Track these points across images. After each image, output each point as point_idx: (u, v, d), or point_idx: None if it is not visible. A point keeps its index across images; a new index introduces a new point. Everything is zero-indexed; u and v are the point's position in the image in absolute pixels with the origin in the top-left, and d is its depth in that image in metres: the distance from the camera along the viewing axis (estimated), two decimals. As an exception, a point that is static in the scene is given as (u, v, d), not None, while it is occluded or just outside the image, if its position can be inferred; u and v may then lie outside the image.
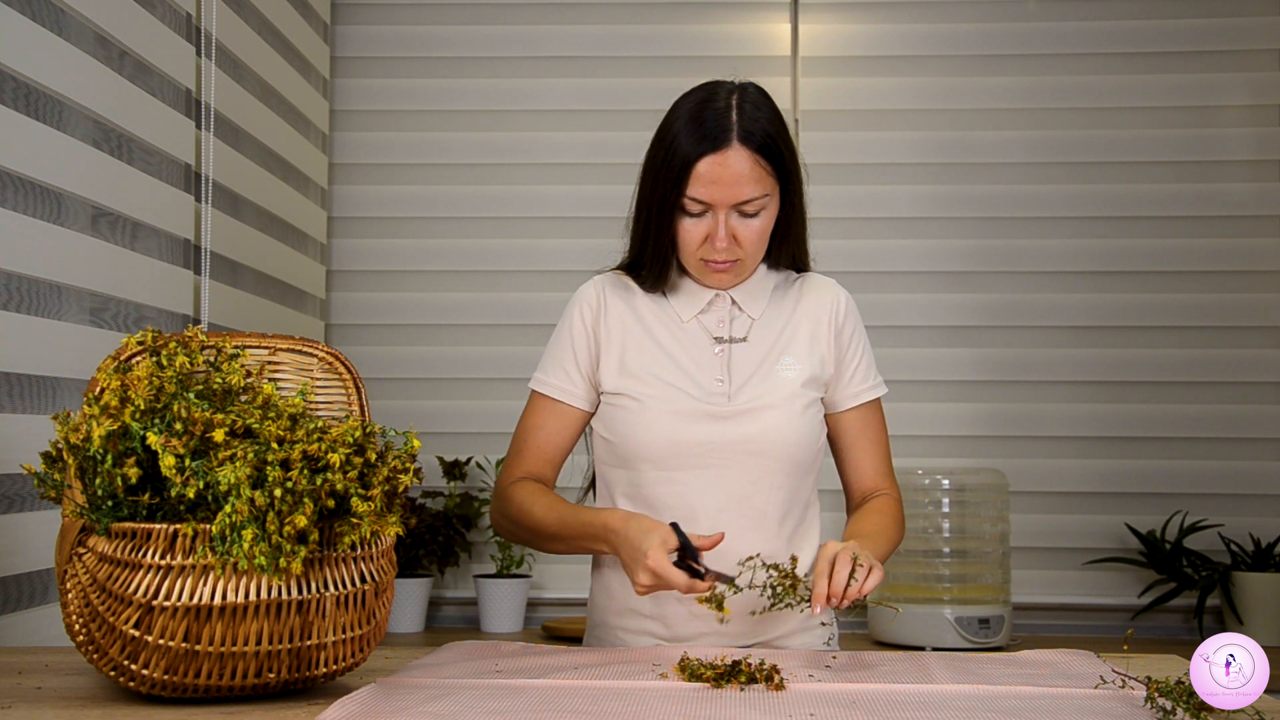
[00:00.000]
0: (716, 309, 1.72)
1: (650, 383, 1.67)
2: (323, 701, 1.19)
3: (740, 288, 1.73)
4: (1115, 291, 3.14)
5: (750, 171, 1.60)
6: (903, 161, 3.19)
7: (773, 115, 1.65)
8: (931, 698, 1.22)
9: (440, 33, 3.25)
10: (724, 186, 1.59)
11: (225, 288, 2.51)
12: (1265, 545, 2.97)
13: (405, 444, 1.23)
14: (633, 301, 1.74)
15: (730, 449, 1.65)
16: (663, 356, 1.69)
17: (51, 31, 1.87)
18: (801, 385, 1.69)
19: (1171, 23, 3.18)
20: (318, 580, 1.17)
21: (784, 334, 1.72)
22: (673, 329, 1.72)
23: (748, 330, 1.72)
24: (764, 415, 1.66)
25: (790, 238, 1.73)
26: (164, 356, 1.24)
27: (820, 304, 1.75)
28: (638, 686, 1.25)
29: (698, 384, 1.67)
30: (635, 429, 1.66)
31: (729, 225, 1.62)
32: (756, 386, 1.67)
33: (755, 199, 1.61)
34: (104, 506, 1.15)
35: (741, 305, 1.72)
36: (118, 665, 1.15)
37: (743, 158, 1.59)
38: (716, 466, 1.65)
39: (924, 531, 2.88)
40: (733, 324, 1.72)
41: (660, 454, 1.65)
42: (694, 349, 1.70)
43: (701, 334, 1.71)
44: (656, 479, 1.66)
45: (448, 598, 3.15)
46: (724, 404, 1.66)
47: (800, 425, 1.67)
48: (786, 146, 1.64)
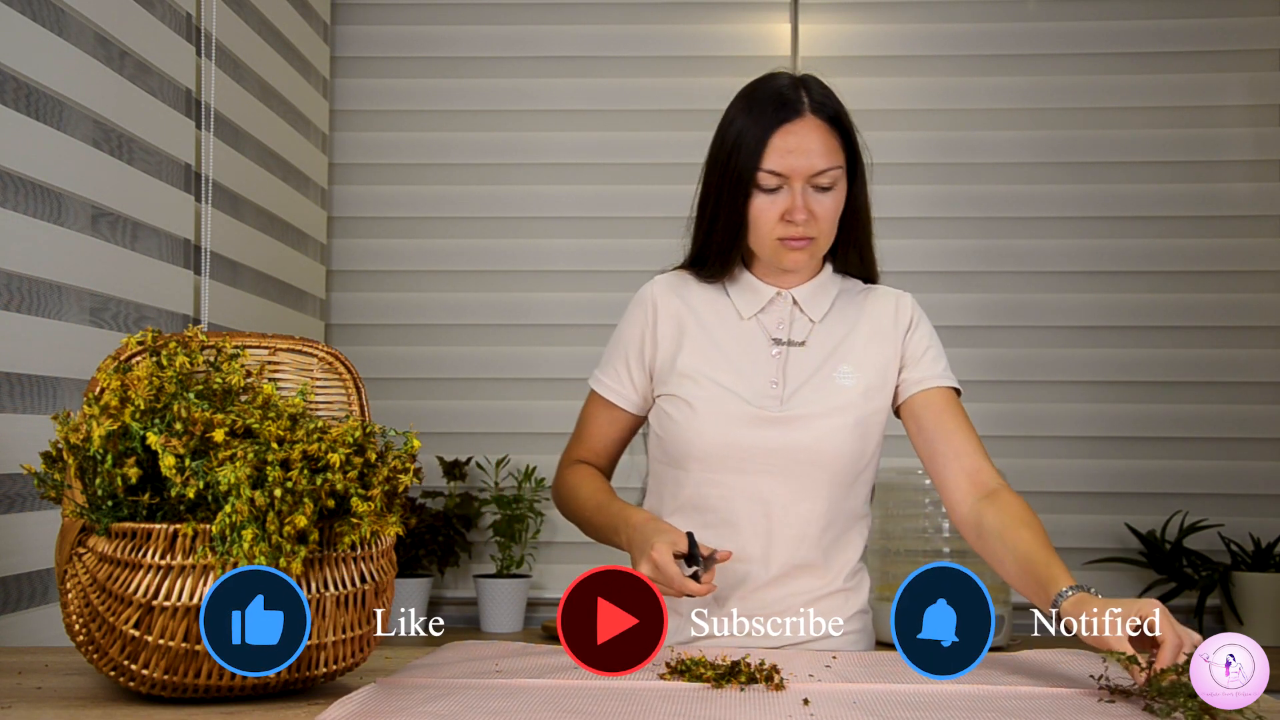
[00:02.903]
0: (777, 309, 1.70)
1: (703, 384, 1.66)
2: (323, 701, 1.19)
3: (803, 288, 1.71)
4: (1115, 291, 3.14)
5: (824, 142, 1.60)
6: (903, 161, 3.19)
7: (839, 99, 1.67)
8: (931, 698, 1.22)
9: (440, 33, 3.25)
10: (800, 156, 1.59)
11: (225, 288, 2.51)
12: (1265, 545, 2.97)
13: (405, 444, 1.23)
14: (691, 299, 1.72)
15: (778, 455, 1.63)
16: (718, 356, 1.68)
17: (51, 31, 1.87)
18: (858, 396, 1.66)
19: (1171, 23, 3.18)
20: (318, 580, 1.17)
21: (845, 342, 1.70)
22: (730, 326, 1.70)
23: (807, 334, 1.69)
24: (815, 424, 1.64)
25: (855, 236, 1.73)
26: (164, 356, 1.24)
27: (884, 310, 1.73)
28: (638, 686, 1.25)
29: (751, 386, 1.65)
30: (685, 430, 1.65)
31: (810, 199, 1.61)
32: (811, 394, 1.65)
33: (829, 170, 1.60)
34: (104, 506, 1.15)
35: (803, 306, 1.70)
36: (118, 665, 1.15)
37: (817, 126, 1.61)
38: (763, 472, 1.64)
39: (924, 531, 2.88)
40: (793, 326, 1.69)
41: (708, 455, 1.65)
42: (751, 349, 1.68)
43: (760, 334, 1.69)
44: (703, 480, 1.66)
45: (448, 598, 3.15)
46: (776, 409, 1.64)
47: (851, 437, 1.65)
48: (853, 130, 1.66)
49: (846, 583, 1.71)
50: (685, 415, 1.66)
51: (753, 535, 1.65)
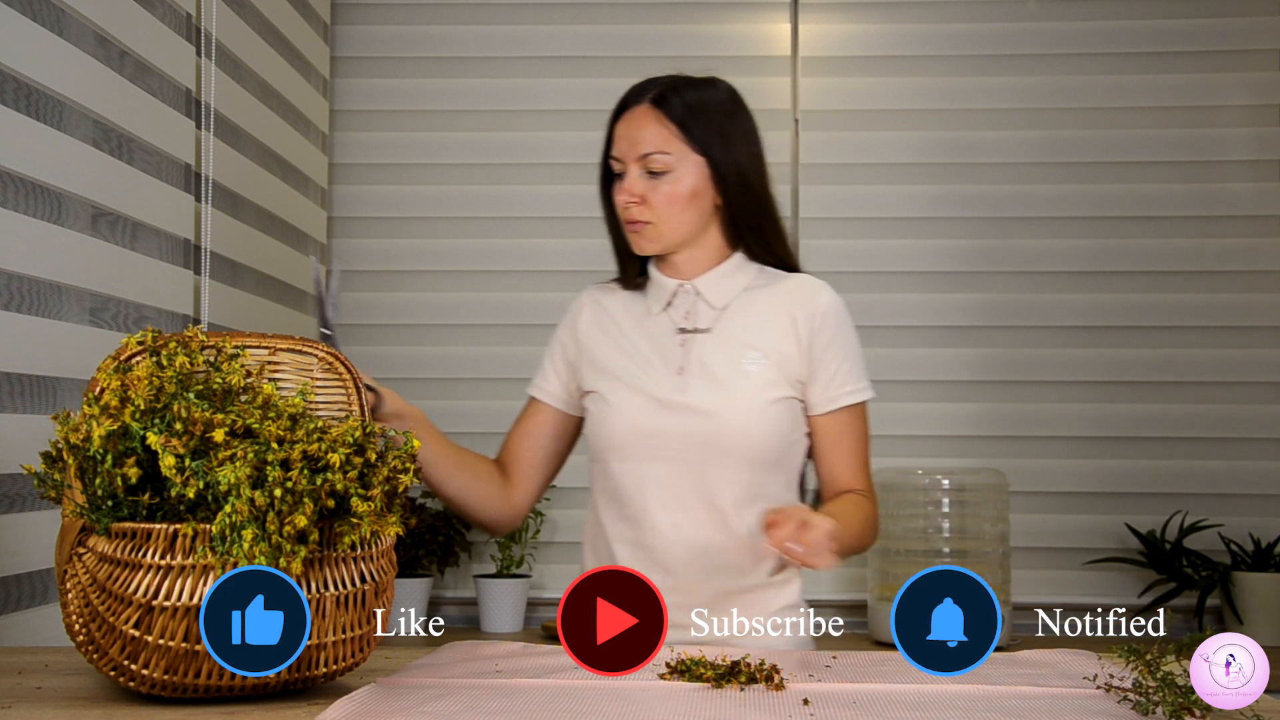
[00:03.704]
0: (681, 300, 1.75)
1: (616, 377, 1.73)
2: (323, 701, 1.19)
3: (705, 278, 1.75)
4: (1115, 291, 3.14)
5: (653, 128, 1.68)
6: (902, 161, 3.19)
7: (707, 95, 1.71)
8: (931, 698, 1.22)
9: (440, 33, 3.25)
10: (628, 141, 1.69)
11: (225, 288, 2.51)
12: (1265, 545, 2.97)
13: (405, 444, 1.23)
14: (611, 303, 1.80)
15: (686, 440, 1.67)
16: (631, 350, 1.74)
17: (51, 31, 1.87)
18: (765, 381, 1.69)
19: (1171, 23, 3.18)
20: (318, 580, 1.17)
21: (753, 329, 1.72)
22: (642, 323, 1.76)
23: (712, 322, 1.73)
24: (718, 408, 1.67)
25: (746, 225, 1.75)
26: (164, 356, 1.24)
27: (798, 304, 1.74)
28: (637, 686, 1.25)
29: (657, 376, 1.71)
30: (600, 424, 1.73)
31: (637, 182, 1.69)
32: (715, 379, 1.69)
33: (655, 154, 1.67)
34: (104, 506, 1.15)
35: (705, 295, 1.74)
36: (118, 665, 1.15)
37: (650, 113, 1.69)
38: (674, 458, 1.67)
39: (924, 531, 2.88)
40: (697, 315, 1.74)
41: (620, 446, 1.71)
42: (659, 341, 1.74)
43: (668, 325, 1.75)
44: (621, 470, 1.71)
45: (448, 598, 3.15)
46: (679, 395, 1.69)
47: (758, 420, 1.67)
48: (709, 120, 1.69)
49: (773, 576, 1.72)
50: (600, 409, 1.73)
51: (668, 525, 1.69)
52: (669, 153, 1.68)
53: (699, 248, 1.74)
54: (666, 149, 1.67)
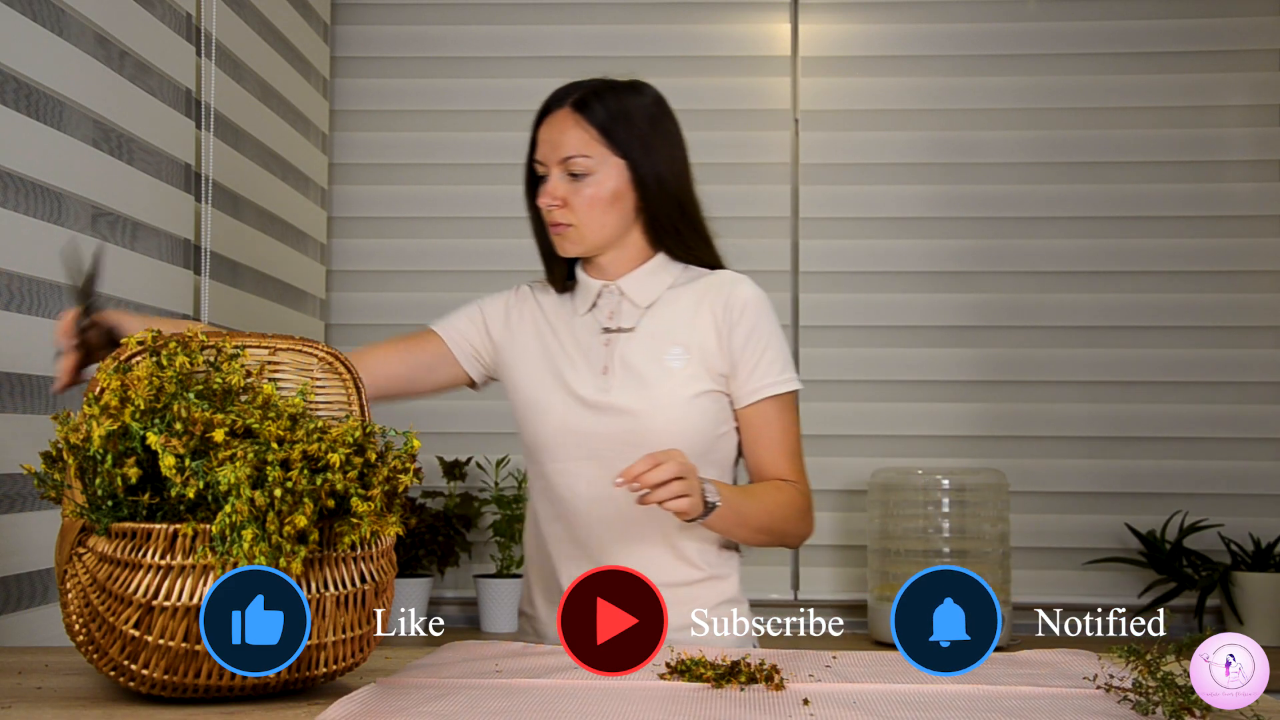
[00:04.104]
0: (606, 300, 1.77)
1: (542, 379, 1.75)
2: (323, 701, 1.19)
3: (628, 277, 1.76)
4: (1115, 291, 3.14)
5: (573, 132, 1.70)
6: (902, 161, 3.19)
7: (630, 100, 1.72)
8: (931, 698, 1.22)
9: (440, 33, 3.25)
10: (549, 144, 1.72)
11: (225, 288, 2.51)
12: (1265, 545, 2.97)
13: (405, 444, 1.23)
14: (546, 303, 1.83)
15: (613, 439, 1.68)
16: (558, 351, 1.76)
17: (51, 31, 1.87)
18: (689, 377, 1.70)
19: (1171, 23, 3.18)
20: (318, 580, 1.17)
21: (676, 325, 1.73)
22: (569, 323, 1.78)
23: (636, 320, 1.74)
24: (642, 406, 1.68)
25: (665, 229, 1.75)
26: (164, 356, 1.24)
27: (717, 297, 1.74)
28: (637, 686, 1.25)
29: (583, 376, 1.72)
30: (530, 423, 1.75)
31: (559, 185, 1.71)
32: (638, 378, 1.70)
33: (576, 157, 1.69)
34: (104, 506, 1.15)
35: (629, 295, 1.75)
36: (118, 665, 1.15)
37: (570, 116, 1.71)
38: (603, 456, 1.68)
39: (924, 531, 2.88)
40: (621, 314, 1.75)
41: (550, 446, 1.73)
42: (585, 341, 1.75)
43: (594, 326, 1.76)
44: (554, 470, 1.73)
45: (448, 598, 3.15)
46: (604, 395, 1.70)
47: (683, 417, 1.69)
48: (630, 125, 1.70)
49: (708, 571, 1.73)
50: (528, 410, 1.75)
51: (598, 520, 1.71)
52: (590, 156, 1.69)
53: (622, 249, 1.76)
54: (587, 152, 1.69)
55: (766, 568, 3.13)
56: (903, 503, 2.90)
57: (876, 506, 2.94)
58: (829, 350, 3.16)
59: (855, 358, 3.16)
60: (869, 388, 3.16)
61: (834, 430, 3.14)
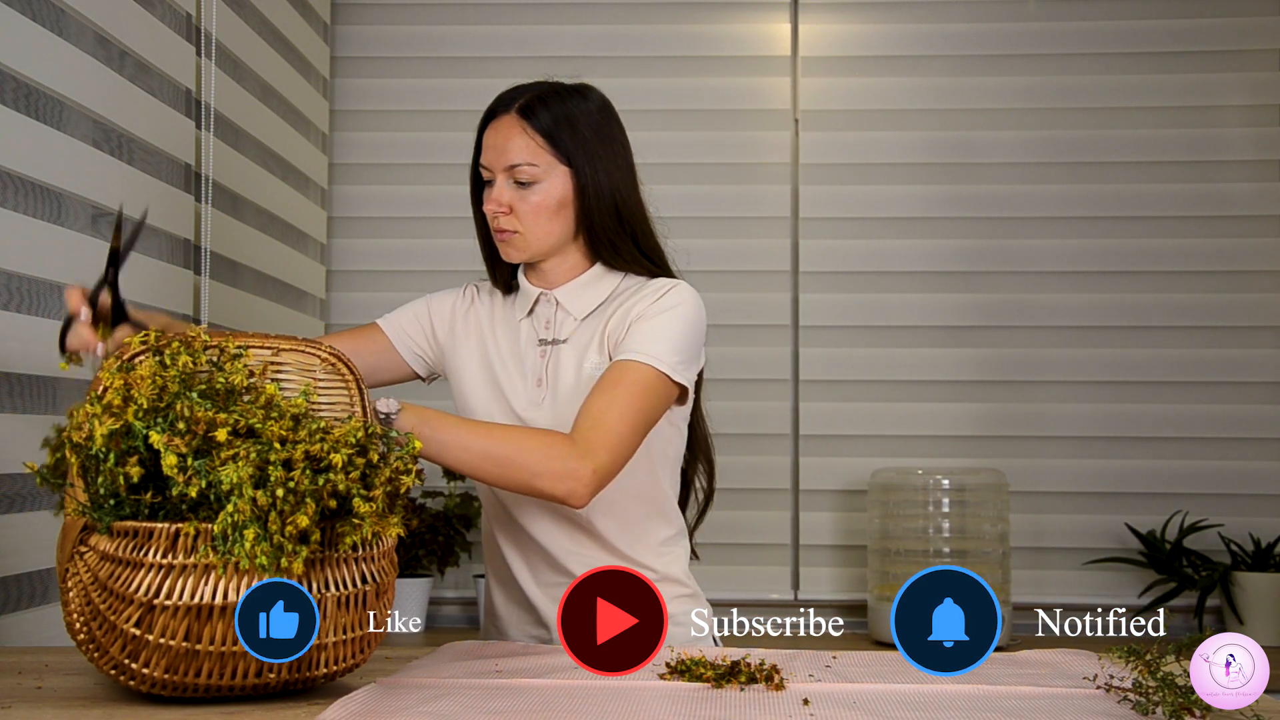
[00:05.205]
0: (542, 309, 1.75)
1: (482, 387, 1.75)
2: (323, 702, 1.19)
3: (564, 287, 1.74)
4: (1115, 291, 3.14)
5: (520, 139, 1.68)
6: (902, 161, 3.19)
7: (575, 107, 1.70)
8: (931, 698, 1.22)
9: (440, 33, 3.25)
10: (494, 151, 1.69)
11: (225, 288, 2.51)
12: (1265, 545, 2.97)
13: (407, 445, 1.23)
14: (493, 304, 1.82)
15: None
16: (498, 361, 1.75)
17: (51, 31, 1.87)
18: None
19: (1171, 23, 3.18)
20: (319, 581, 1.17)
21: (599, 333, 1.71)
22: (509, 330, 1.77)
23: (571, 332, 1.73)
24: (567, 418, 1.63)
25: (603, 241, 1.71)
26: (167, 356, 1.24)
27: (643, 299, 1.69)
28: (637, 686, 1.26)
29: (520, 387, 1.72)
30: None
31: (504, 192, 1.68)
32: (567, 391, 1.69)
33: (522, 165, 1.66)
34: (106, 505, 1.15)
35: (565, 305, 1.74)
36: (118, 664, 1.15)
37: (515, 123, 1.69)
38: None
39: (924, 531, 2.88)
40: (558, 325, 1.74)
41: None
42: (522, 350, 1.75)
43: (531, 335, 1.75)
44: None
45: (448, 598, 3.15)
46: (534, 409, 1.70)
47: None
48: (575, 132, 1.68)
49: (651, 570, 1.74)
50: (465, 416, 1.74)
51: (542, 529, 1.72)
52: (536, 164, 1.67)
53: (563, 257, 1.73)
54: (533, 160, 1.67)
55: (767, 568, 3.13)
56: (903, 503, 2.91)
57: (876, 506, 2.94)
58: (829, 350, 3.16)
59: (855, 358, 3.16)
60: (869, 388, 3.16)
61: (834, 430, 3.14)
